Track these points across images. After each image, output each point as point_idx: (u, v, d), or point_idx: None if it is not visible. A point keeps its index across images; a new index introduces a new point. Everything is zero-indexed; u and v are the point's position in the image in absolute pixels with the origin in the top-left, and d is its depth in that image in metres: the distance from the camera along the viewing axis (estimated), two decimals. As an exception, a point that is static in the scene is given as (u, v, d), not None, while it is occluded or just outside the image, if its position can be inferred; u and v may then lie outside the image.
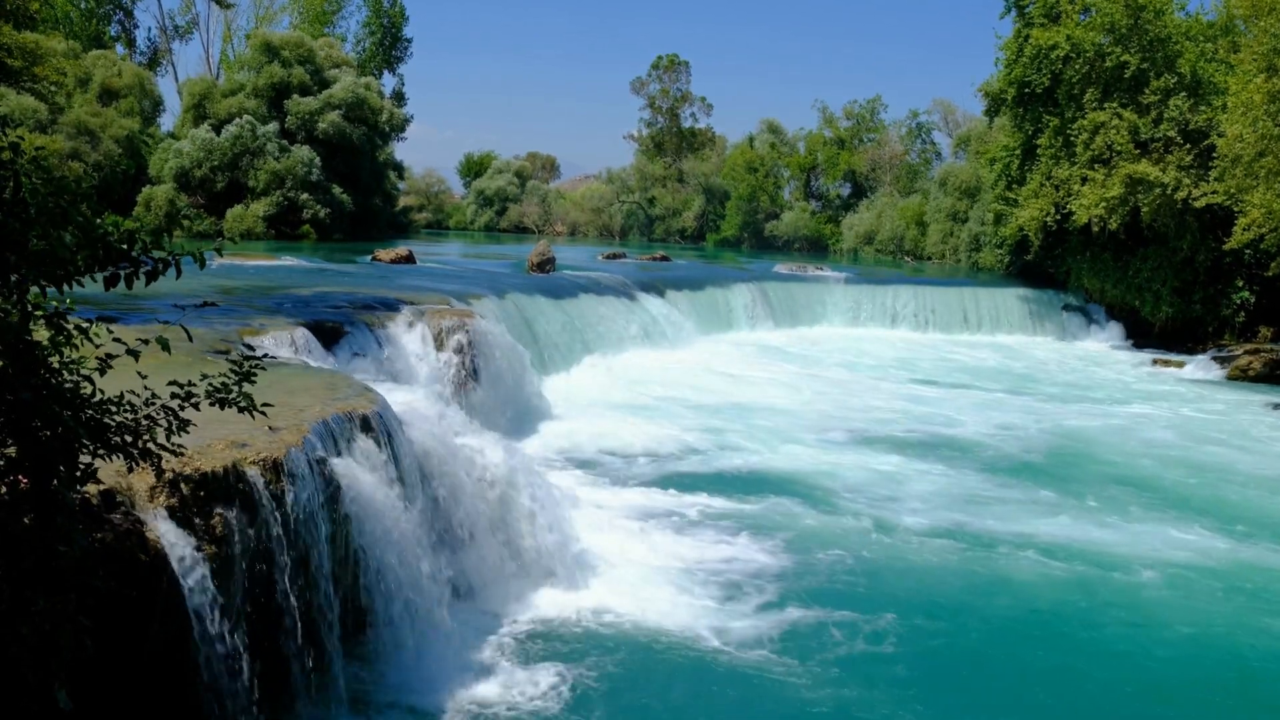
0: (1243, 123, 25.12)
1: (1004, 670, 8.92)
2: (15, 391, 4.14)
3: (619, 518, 12.15)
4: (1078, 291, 34.56)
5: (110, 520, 5.63)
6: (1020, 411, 20.52)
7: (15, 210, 4.16)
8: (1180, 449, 17.74)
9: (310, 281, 20.95)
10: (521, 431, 15.44)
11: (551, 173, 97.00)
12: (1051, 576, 10.99)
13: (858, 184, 66.52)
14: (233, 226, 44.73)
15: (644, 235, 74.59)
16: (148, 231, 4.41)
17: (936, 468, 15.46)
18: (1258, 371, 26.69)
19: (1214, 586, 10.86)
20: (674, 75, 77.36)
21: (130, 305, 13.42)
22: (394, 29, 67.50)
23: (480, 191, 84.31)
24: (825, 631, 9.24)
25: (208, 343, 10.98)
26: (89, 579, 4.35)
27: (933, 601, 10.19)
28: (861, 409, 19.91)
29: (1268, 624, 9.97)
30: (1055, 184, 32.22)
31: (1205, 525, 13.08)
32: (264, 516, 6.64)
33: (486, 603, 9.30)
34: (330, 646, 7.19)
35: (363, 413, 8.39)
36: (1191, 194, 28.73)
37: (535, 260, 30.26)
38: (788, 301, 32.45)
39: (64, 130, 42.86)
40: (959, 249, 48.82)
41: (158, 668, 5.84)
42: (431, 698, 7.65)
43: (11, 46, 28.91)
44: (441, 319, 15.72)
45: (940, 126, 65.62)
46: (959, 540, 12.00)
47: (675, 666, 8.48)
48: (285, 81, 48.45)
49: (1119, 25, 30.46)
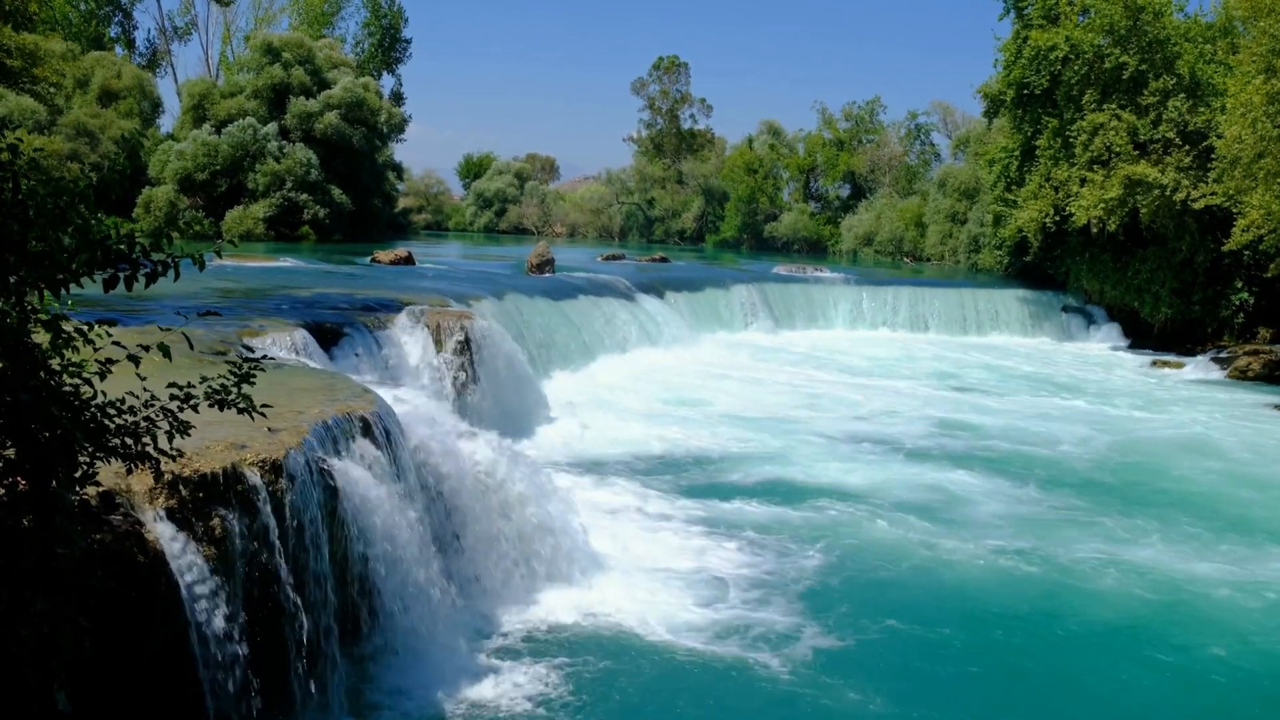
0: (1242, 124, 25.13)
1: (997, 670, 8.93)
2: (15, 393, 4.14)
3: (620, 519, 12.15)
4: (1077, 293, 34.57)
5: (109, 521, 5.63)
6: (1038, 418, 20.47)
7: (14, 212, 4.17)
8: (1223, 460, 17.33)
9: (309, 283, 20.96)
10: (520, 432, 15.43)
11: (551, 174, 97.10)
12: (1133, 595, 10.63)
13: (857, 185, 66.59)
14: (232, 228, 44.76)
15: (643, 236, 74.65)
16: (147, 234, 4.42)
17: (958, 474, 15.34)
18: (1257, 372, 26.67)
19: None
20: (674, 76, 77.47)
21: (130, 307, 13.43)
22: (393, 30, 67.58)
23: (479, 193, 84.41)
24: (832, 638, 9.22)
25: (207, 344, 10.98)
26: (88, 580, 4.36)
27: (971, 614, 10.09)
28: (863, 409, 19.89)
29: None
30: (1054, 185, 32.22)
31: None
32: (263, 518, 6.64)
33: (486, 603, 9.30)
34: (329, 648, 7.19)
35: (362, 414, 8.39)
36: (1190, 195, 28.72)
37: (534, 261, 30.28)
38: (787, 303, 32.45)
39: (63, 131, 42.89)
40: (958, 250, 48.86)
41: (156, 669, 5.84)
42: (430, 699, 7.65)
43: (11, 48, 28.94)
44: (441, 320, 15.72)
45: (939, 128, 65.77)
46: (974, 546, 12.00)
47: (676, 669, 8.46)
48: (285, 82, 48.47)
49: (1118, 26, 30.47)
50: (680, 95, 77.73)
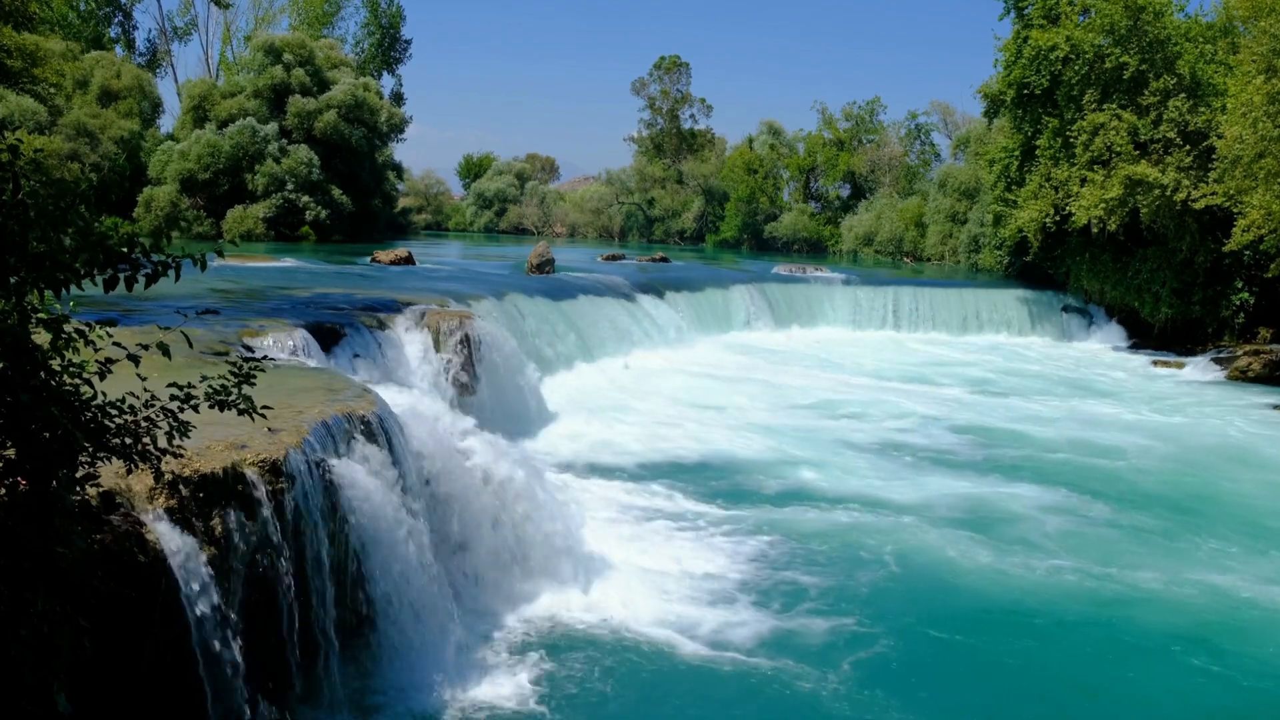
0: (1242, 124, 25.12)
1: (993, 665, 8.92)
2: (15, 393, 4.14)
3: (620, 520, 12.14)
4: (1077, 292, 34.55)
5: (109, 521, 5.64)
6: (1047, 423, 20.49)
7: (15, 212, 4.17)
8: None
9: (310, 283, 20.97)
10: (520, 432, 15.43)
11: (551, 174, 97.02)
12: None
13: (857, 185, 66.53)
14: (233, 228, 44.76)
15: (643, 236, 74.61)
16: (147, 234, 4.42)
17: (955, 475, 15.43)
18: (1257, 372, 26.65)
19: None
20: (674, 76, 77.34)
21: (131, 307, 13.43)
22: (392, 30, 67.54)
23: (480, 193, 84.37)
24: (838, 642, 9.21)
25: (207, 344, 10.99)
26: (88, 580, 4.35)
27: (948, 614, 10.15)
28: (864, 409, 19.90)
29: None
30: (1054, 185, 32.21)
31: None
32: (263, 518, 6.65)
33: (486, 604, 9.31)
34: (329, 647, 7.20)
35: (362, 414, 8.40)
36: (1191, 195, 28.70)
37: (534, 261, 30.27)
38: (787, 303, 32.45)
39: (63, 132, 42.87)
40: (958, 250, 48.83)
41: (157, 668, 5.84)
42: (430, 698, 7.66)
43: (11, 48, 28.94)
44: (441, 320, 15.73)
45: (939, 128, 65.67)
46: (985, 548, 12.00)
47: (676, 671, 8.46)
48: (285, 83, 48.45)
49: (1118, 26, 30.46)
50: (680, 95, 77.63)
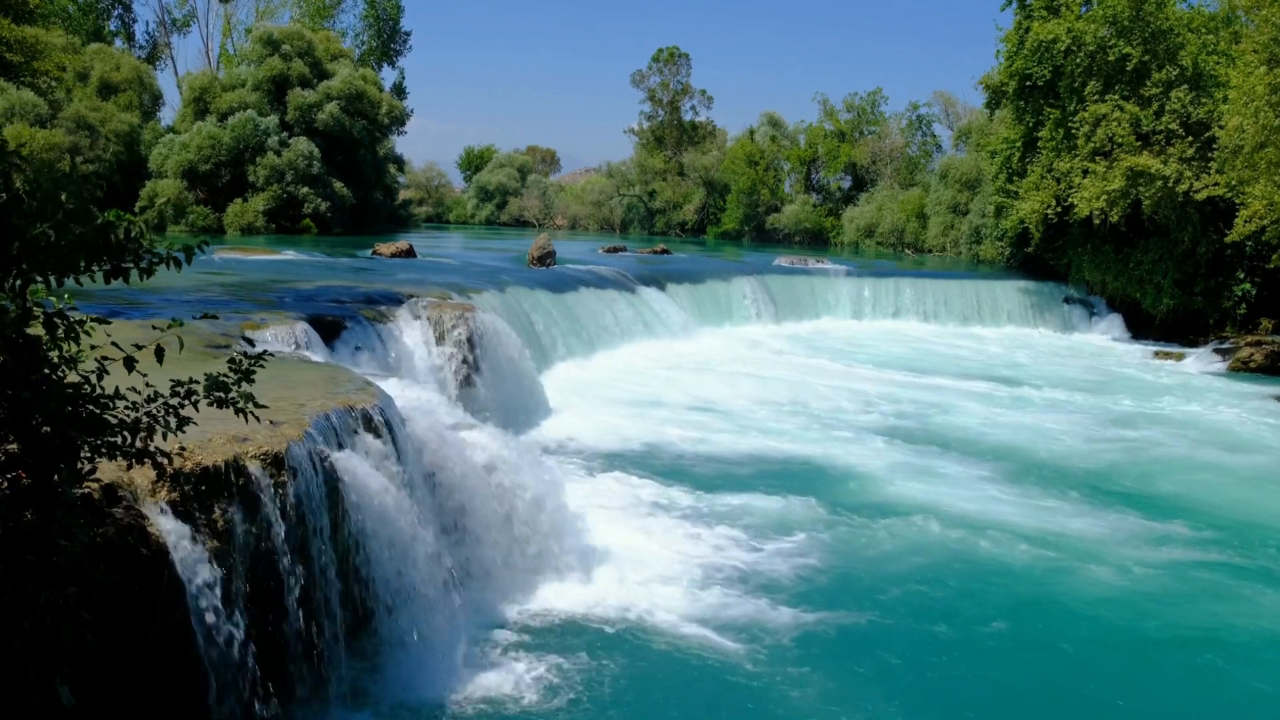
0: (1244, 114, 25.06)
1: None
2: (16, 388, 4.14)
3: (623, 512, 12.14)
4: (1079, 284, 34.51)
5: (112, 515, 5.64)
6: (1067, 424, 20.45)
7: (15, 204, 4.15)
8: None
9: (311, 276, 20.96)
10: (523, 425, 15.44)
11: (552, 166, 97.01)
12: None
13: (858, 177, 66.38)
14: (233, 221, 44.76)
15: (644, 229, 74.52)
16: (145, 224, 4.40)
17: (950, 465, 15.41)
18: (1259, 364, 26.65)
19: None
20: (674, 68, 77.12)
21: (130, 300, 13.42)
22: (391, 22, 67.45)
23: (481, 185, 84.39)
24: (842, 642, 9.17)
25: (208, 338, 10.97)
26: (91, 573, 4.35)
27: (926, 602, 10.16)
28: (865, 404, 19.90)
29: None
30: (1056, 176, 32.16)
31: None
32: (265, 511, 6.65)
33: (490, 596, 9.31)
34: (332, 640, 7.20)
35: (364, 406, 8.39)
36: (1193, 186, 28.68)
37: (535, 254, 30.24)
38: (789, 294, 32.40)
39: (64, 125, 42.87)
40: (960, 241, 48.75)
41: (160, 661, 5.85)
42: (433, 692, 7.67)
43: (11, 41, 28.87)
44: (442, 313, 15.72)
45: (941, 119, 65.45)
46: (991, 540, 12.00)
47: (680, 665, 8.45)
48: (285, 74, 48.39)
49: (1120, 17, 30.37)
50: (681, 87, 77.39)
